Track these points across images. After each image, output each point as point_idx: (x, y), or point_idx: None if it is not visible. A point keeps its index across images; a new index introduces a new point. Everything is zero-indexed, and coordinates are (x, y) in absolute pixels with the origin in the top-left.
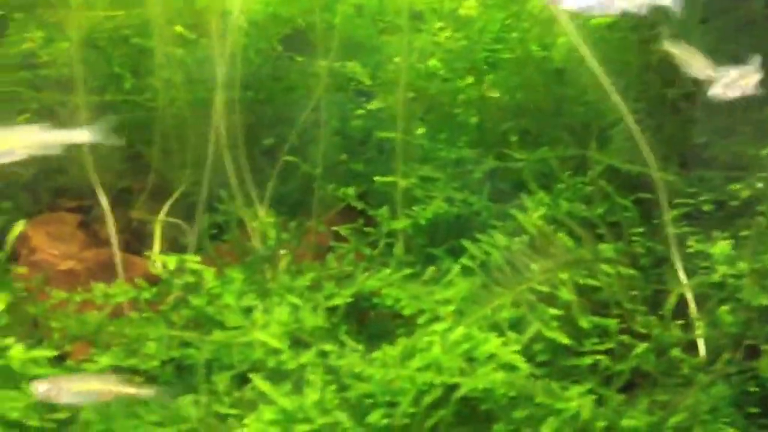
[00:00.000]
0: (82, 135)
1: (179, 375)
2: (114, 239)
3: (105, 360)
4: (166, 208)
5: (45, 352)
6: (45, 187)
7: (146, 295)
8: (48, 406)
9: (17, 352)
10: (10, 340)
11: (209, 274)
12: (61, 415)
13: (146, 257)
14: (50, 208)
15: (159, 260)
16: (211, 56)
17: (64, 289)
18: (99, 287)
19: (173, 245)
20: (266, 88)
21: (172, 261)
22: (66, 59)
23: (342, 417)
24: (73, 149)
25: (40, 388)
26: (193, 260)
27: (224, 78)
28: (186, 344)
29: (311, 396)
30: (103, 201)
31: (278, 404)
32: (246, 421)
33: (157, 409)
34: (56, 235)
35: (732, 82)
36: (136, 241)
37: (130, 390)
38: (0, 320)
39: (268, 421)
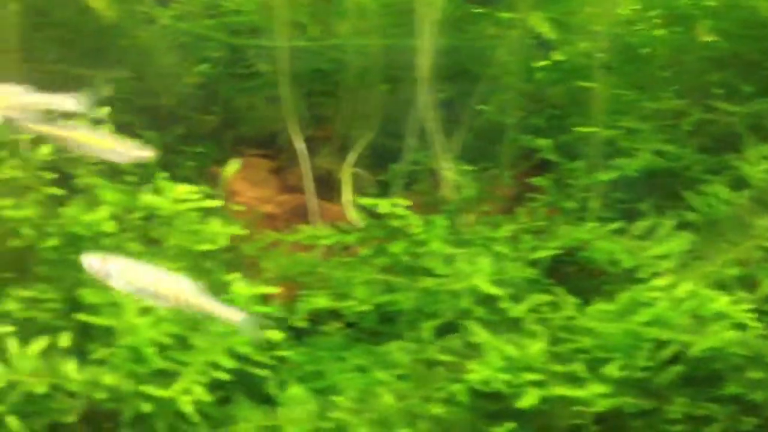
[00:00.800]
0: (65, 102)
1: (381, 323)
2: (310, 184)
3: (321, 301)
4: (352, 157)
5: (265, 289)
6: (228, 135)
7: (351, 239)
8: (271, 344)
9: (241, 288)
10: (235, 275)
11: (415, 220)
12: (281, 353)
13: (339, 204)
14: (234, 156)
15: (366, 203)
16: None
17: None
18: (306, 229)
19: (358, 194)
20: (449, 38)
21: (384, 205)
22: (254, 7)
23: (578, 367)
24: (259, 98)
25: (92, 263)
26: (401, 204)
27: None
28: (389, 291)
29: (536, 345)
30: (301, 147)
31: (504, 352)
32: (471, 366)
33: (363, 354)
34: (253, 180)
35: None
36: (322, 188)
37: (208, 306)
38: (223, 257)
39: (497, 367)
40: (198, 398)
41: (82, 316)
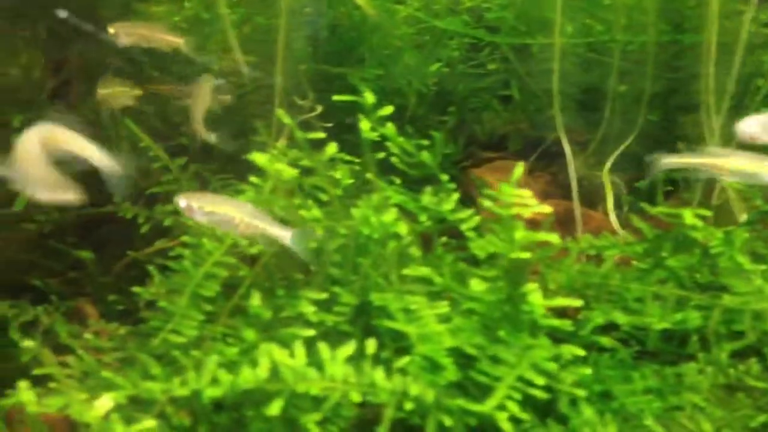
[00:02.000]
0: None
1: (664, 341)
2: (575, 191)
3: (618, 317)
4: (611, 162)
5: (565, 302)
6: (462, 135)
7: (637, 249)
8: (563, 359)
9: (537, 298)
10: (532, 286)
11: (715, 232)
12: (579, 370)
13: (598, 211)
14: (468, 157)
15: (660, 212)
16: None
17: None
18: (587, 238)
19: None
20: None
21: (688, 215)
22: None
23: None
24: (492, 99)
25: (180, 204)
26: (699, 214)
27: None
28: (677, 307)
29: None
30: (569, 153)
31: None
32: None
33: (652, 375)
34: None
35: None
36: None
37: (273, 231)
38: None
39: None
40: (514, 415)
41: (383, 322)
